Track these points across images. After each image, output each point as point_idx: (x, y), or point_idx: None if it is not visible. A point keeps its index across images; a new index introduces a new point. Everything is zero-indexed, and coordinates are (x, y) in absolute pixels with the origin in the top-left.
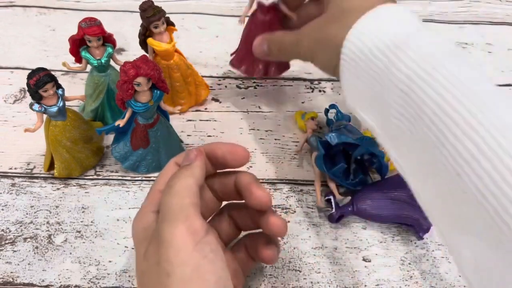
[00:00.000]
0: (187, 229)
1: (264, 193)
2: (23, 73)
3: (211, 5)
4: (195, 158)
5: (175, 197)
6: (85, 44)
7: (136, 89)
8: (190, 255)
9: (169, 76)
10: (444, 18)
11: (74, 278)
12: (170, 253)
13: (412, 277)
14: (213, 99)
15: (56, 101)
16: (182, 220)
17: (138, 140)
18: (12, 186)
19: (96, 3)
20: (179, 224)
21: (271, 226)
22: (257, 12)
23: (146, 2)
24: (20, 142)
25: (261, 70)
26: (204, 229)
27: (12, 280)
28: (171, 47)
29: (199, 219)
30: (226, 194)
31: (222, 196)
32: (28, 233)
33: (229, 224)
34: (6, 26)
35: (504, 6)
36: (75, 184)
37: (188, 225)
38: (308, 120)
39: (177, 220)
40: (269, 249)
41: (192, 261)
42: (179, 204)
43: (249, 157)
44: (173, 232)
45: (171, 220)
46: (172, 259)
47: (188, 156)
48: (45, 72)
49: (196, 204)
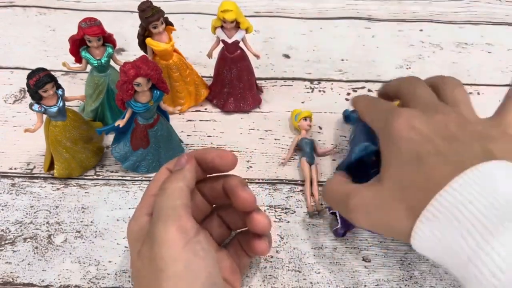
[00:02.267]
0: (179, 228)
1: (248, 195)
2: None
3: (211, 5)
4: (186, 163)
5: (168, 199)
6: (85, 44)
7: (136, 89)
8: (181, 252)
9: (168, 76)
10: (444, 18)
11: (74, 278)
12: (163, 250)
13: (412, 277)
14: None
15: (56, 101)
16: (174, 220)
17: (138, 140)
18: (12, 186)
19: (96, 3)
20: (171, 224)
21: (255, 223)
22: (224, 51)
23: (145, 2)
24: (20, 142)
25: (232, 104)
26: (194, 229)
27: (12, 280)
28: (169, 47)
29: (190, 219)
30: (216, 197)
31: (212, 199)
32: (28, 233)
33: (219, 224)
34: (6, 26)
35: (504, 6)
36: (75, 184)
37: (179, 225)
38: (300, 120)
39: (169, 220)
40: (261, 242)
41: (184, 257)
42: (171, 205)
43: (236, 162)
44: (165, 230)
45: (163, 220)
46: (165, 256)
47: (179, 161)
48: (45, 72)
49: (187, 206)
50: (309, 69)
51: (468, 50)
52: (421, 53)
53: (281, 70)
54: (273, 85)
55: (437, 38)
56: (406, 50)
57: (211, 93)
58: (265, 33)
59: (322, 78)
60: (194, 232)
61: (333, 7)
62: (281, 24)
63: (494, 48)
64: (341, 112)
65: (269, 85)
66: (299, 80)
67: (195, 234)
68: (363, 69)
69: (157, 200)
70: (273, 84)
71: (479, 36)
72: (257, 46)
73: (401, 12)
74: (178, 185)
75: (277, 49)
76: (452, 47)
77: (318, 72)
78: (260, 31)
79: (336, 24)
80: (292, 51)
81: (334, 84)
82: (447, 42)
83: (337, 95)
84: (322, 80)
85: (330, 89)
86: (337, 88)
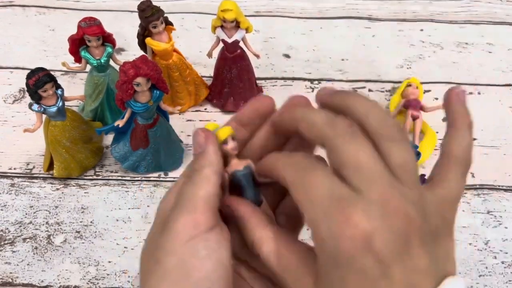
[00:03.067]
0: (190, 221)
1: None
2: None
3: (211, 4)
4: (205, 144)
5: (191, 187)
6: (84, 44)
7: (136, 89)
8: (181, 247)
9: (168, 76)
10: (445, 18)
11: (74, 278)
12: (165, 241)
13: None
14: None
15: (56, 101)
16: (188, 212)
17: (137, 140)
18: (12, 186)
19: (95, 3)
20: (184, 215)
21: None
22: (224, 50)
23: (145, 2)
24: (20, 142)
25: (232, 104)
26: (208, 224)
27: (11, 281)
28: (169, 46)
29: (208, 212)
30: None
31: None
32: (28, 233)
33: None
34: (6, 26)
35: (504, 6)
36: (75, 184)
37: (192, 218)
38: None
39: (183, 210)
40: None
41: (181, 252)
42: (191, 195)
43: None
44: (175, 220)
45: (178, 209)
46: (165, 247)
47: (198, 141)
48: (44, 72)
49: (211, 196)
50: (309, 69)
51: (469, 50)
52: (422, 53)
53: (281, 70)
54: (273, 85)
55: (437, 38)
56: (406, 50)
57: (211, 93)
58: (265, 32)
59: (322, 78)
60: (206, 227)
61: (333, 6)
62: (281, 24)
63: (495, 48)
64: None
65: (269, 85)
66: (299, 80)
67: (207, 230)
68: (363, 68)
69: (181, 187)
70: (273, 84)
71: (480, 36)
72: (257, 46)
73: (401, 11)
74: (204, 173)
75: (277, 49)
76: (452, 47)
77: (318, 72)
78: (260, 31)
79: (336, 24)
80: (292, 51)
81: (334, 84)
82: (447, 42)
83: None
84: (322, 80)
85: None
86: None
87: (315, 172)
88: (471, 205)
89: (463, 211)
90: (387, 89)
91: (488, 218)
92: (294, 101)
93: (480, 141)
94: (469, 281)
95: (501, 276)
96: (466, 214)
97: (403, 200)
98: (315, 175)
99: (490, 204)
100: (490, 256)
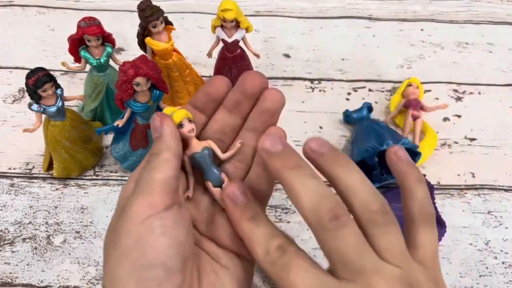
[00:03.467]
0: (146, 202)
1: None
2: (22, 73)
3: (211, 4)
4: (161, 126)
5: (149, 172)
6: (84, 43)
7: (135, 89)
8: (136, 227)
9: (167, 76)
10: (445, 18)
11: (73, 278)
12: (123, 223)
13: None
14: None
15: (55, 101)
16: (144, 194)
17: (137, 140)
18: (11, 186)
19: (95, 3)
20: (140, 197)
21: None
22: (224, 50)
23: (144, 1)
24: (19, 142)
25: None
26: (164, 204)
27: (11, 281)
28: (169, 46)
29: (165, 194)
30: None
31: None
32: (27, 233)
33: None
34: (5, 26)
35: (504, 5)
36: (74, 184)
37: (148, 199)
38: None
39: (140, 194)
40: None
41: (136, 232)
42: (149, 178)
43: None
44: (132, 203)
45: (136, 193)
46: (122, 229)
47: (154, 126)
48: (44, 72)
49: (168, 178)
50: (309, 68)
51: (469, 50)
52: (422, 53)
53: (281, 70)
54: (273, 85)
55: (437, 38)
56: (406, 50)
57: None
58: (265, 32)
59: (322, 78)
60: (162, 207)
61: (333, 6)
62: (281, 23)
63: (495, 48)
64: (341, 112)
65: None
66: (299, 79)
67: (163, 209)
68: (363, 68)
69: (140, 172)
70: (273, 84)
71: (480, 35)
72: (257, 46)
73: (401, 11)
74: (161, 156)
75: (277, 49)
76: (453, 47)
77: (318, 71)
78: (260, 31)
79: (336, 24)
80: (292, 50)
81: (334, 83)
82: (447, 42)
83: (338, 95)
84: (322, 80)
85: (331, 88)
86: (337, 88)
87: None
88: (472, 205)
89: (464, 211)
90: (387, 89)
91: (489, 218)
92: (245, 83)
93: (480, 141)
94: (469, 281)
95: (502, 277)
96: (467, 214)
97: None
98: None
99: (490, 204)
100: (490, 256)
